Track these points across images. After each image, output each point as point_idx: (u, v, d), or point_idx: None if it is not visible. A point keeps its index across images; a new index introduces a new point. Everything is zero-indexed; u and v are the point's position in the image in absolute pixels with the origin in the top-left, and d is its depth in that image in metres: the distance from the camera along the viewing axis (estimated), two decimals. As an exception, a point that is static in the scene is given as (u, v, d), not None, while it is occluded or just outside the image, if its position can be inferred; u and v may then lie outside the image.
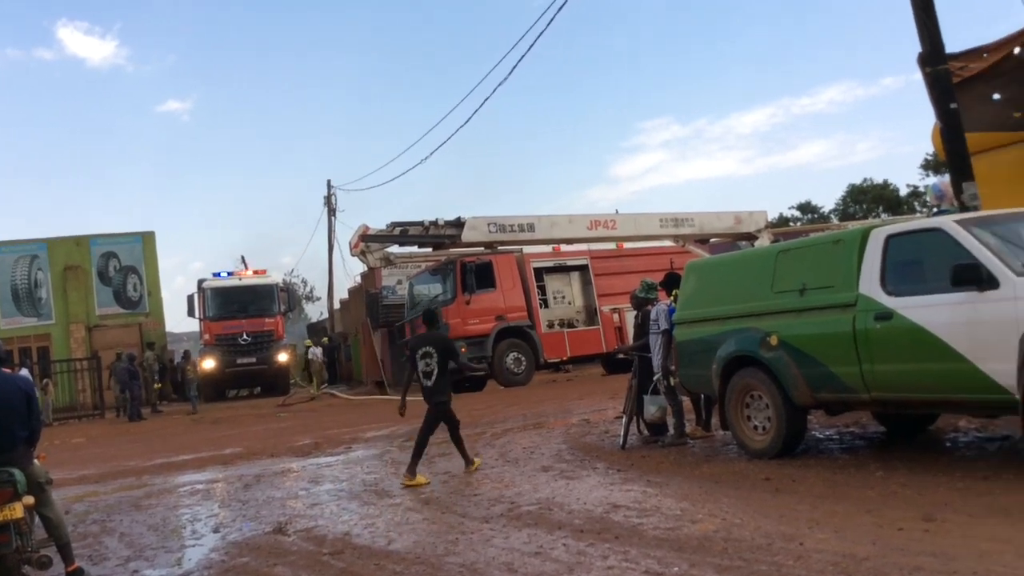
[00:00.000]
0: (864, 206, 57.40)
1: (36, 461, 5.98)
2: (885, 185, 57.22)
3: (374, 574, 5.29)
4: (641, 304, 10.22)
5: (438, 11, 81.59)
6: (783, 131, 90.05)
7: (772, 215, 55.06)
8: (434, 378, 8.97)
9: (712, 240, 26.09)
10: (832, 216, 57.68)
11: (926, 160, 49.56)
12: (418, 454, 8.87)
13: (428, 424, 9.07)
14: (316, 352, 27.46)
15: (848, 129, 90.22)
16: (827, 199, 68.05)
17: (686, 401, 9.79)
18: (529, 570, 4.94)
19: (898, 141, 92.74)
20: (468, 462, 9.09)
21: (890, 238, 6.75)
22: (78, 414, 25.56)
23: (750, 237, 25.03)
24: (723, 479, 7.15)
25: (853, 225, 23.17)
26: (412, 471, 8.65)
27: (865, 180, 58.82)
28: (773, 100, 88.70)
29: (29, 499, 5.49)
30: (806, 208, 60.92)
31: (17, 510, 5.33)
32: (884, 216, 51.29)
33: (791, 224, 52.87)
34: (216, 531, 7.31)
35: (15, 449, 5.48)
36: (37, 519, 5.88)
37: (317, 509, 7.78)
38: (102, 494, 10.27)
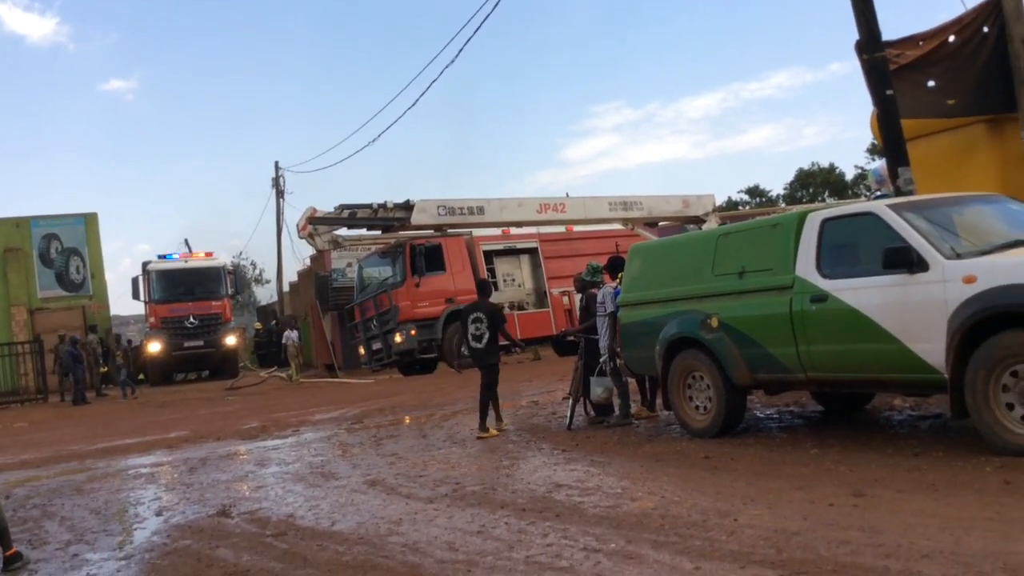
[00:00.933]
0: (811, 190, 58.40)
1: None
2: (832, 169, 58.25)
3: (316, 554, 5.31)
4: (586, 287, 10.33)
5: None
6: (733, 115, 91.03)
7: (722, 199, 55.78)
8: (484, 341, 10.00)
9: (661, 224, 26.38)
10: (780, 200, 58.59)
11: (872, 145, 50.53)
12: (484, 412, 9.79)
13: (486, 384, 9.98)
14: (292, 336, 26.84)
15: (796, 114, 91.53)
16: (776, 183, 69.08)
17: (631, 382, 9.93)
18: (470, 548, 5.01)
19: (845, 125, 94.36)
20: (498, 419, 10.05)
21: (825, 222, 6.91)
22: (20, 398, 25.01)
23: (698, 221, 25.33)
24: (664, 458, 7.29)
25: (798, 209, 23.63)
26: (483, 427, 9.67)
27: (813, 164, 59.81)
28: (723, 85, 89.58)
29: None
30: (754, 192, 61.81)
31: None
32: (830, 200, 52.26)
33: (740, 208, 53.56)
34: (159, 514, 7.26)
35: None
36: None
37: (262, 492, 7.77)
38: (44, 478, 10.12)
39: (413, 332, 20.65)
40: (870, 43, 8.73)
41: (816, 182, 58.22)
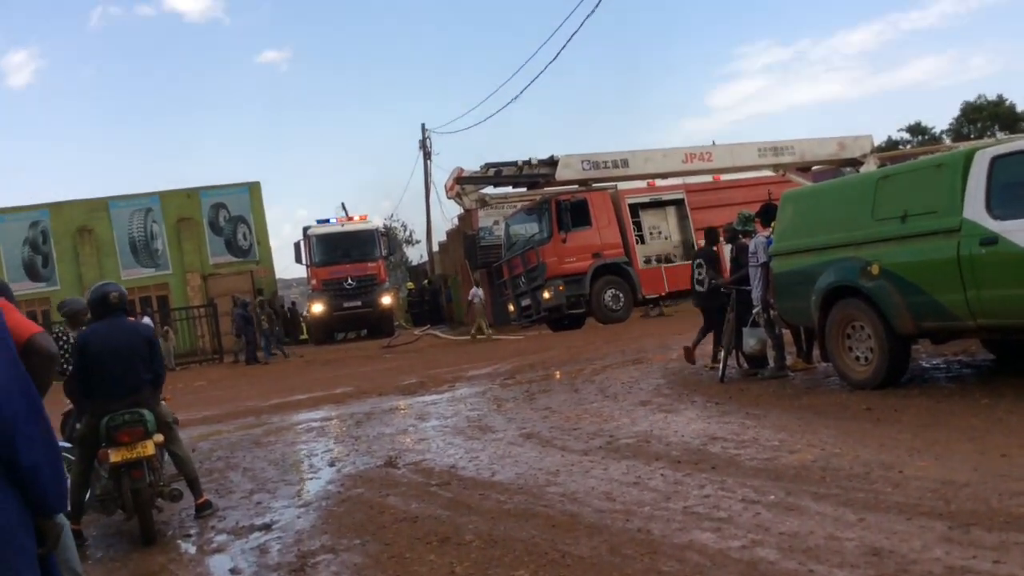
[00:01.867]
0: (979, 125, 54.45)
1: (163, 402, 6.45)
2: (1000, 102, 54.03)
3: (480, 503, 5.55)
4: (736, 237, 10.14)
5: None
6: (892, 49, 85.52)
7: (881, 139, 52.94)
8: (705, 285, 10.71)
9: (814, 168, 25.35)
10: (944, 137, 54.95)
11: (1048, 73, 46.51)
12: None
13: (707, 324, 10.93)
14: (478, 293, 26.77)
15: (962, 44, 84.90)
16: (939, 120, 64.70)
17: (786, 333, 9.72)
18: (627, 499, 5.11)
19: (1017, 54, 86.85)
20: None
21: (996, 159, 6.50)
22: (198, 359, 26.94)
23: (855, 163, 24.20)
24: (823, 410, 7.13)
25: (964, 146, 22.13)
26: (714, 357, 10.36)
27: (979, 97, 55.63)
28: (881, 15, 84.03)
29: (159, 437, 5.93)
30: (916, 130, 58.15)
31: (149, 447, 5.77)
32: (1001, 135, 48.61)
33: (900, 147, 50.64)
34: (332, 465, 7.74)
35: (142, 391, 5.91)
36: (167, 456, 6.36)
37: (424, 444, 8.14)
38: (225, 433, 10.93)
39: (561, 288, 20.82)
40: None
41: (983, 116, 54.17)
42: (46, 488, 2.24)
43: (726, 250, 11.24)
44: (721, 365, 9.72)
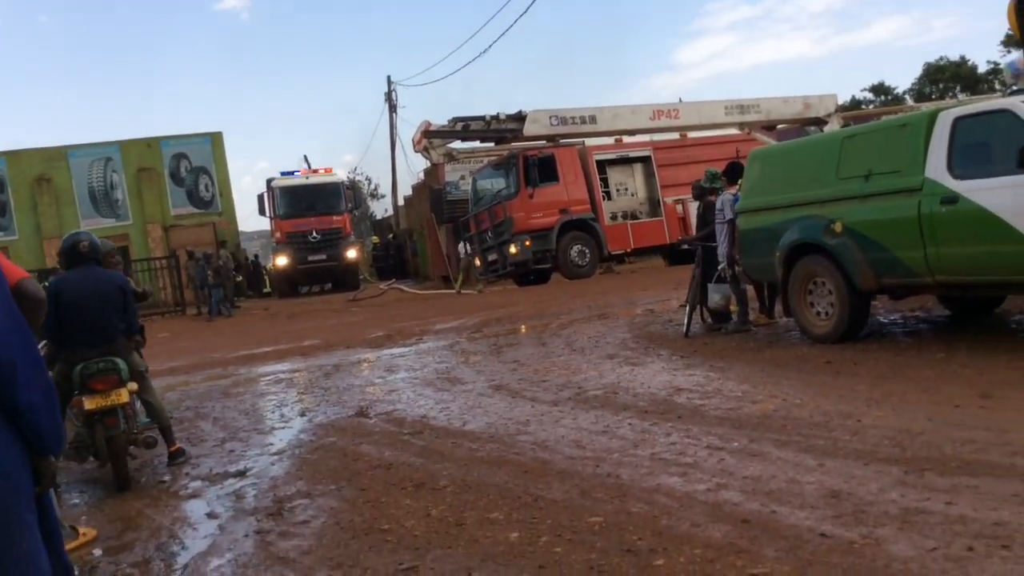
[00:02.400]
0: (940, 86, 55.03)
1: (135, 352, 6.46)
2: (962, 62, 54.58)
3: (452, 451, 5.67)
4: (703, 194, 10.27)
5: None
6: (857, 7, 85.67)
7: (844, 98, 53.25)
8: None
9: (779, 127, 25.55)
10: (907, 97, 55.48)
11: (1007, 36, 47.01)
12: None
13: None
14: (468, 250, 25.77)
15: (925, 5, 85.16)
16: (902, 80, 65.13)
17: (750, 289, 9.92)
18: (596, 446, 5.26)
19: (978, 16, 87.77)
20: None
21: (957, 120, 6.67)
22: (160, 311, 26.68)
23: (819, 122, 24.42)
24: (785, 363, 7.34)
25: (926, 107, 22.41)
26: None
27: (941, 58, 56.14)
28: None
29: (133, 385, 5.97)
30: (879, 90, 58.59)
31: (123, 395, 5.81)
32: (961, 96, 49.17)
33: (864, 107, 51.05)
34: (302, 415, 7.82)
35: (115, 340, 5.93)
36: (139, 404, 6.40)
37: (395, 395, 8.23)
38: (192, 384, 10.95)
39: (527, 243, 20.91)
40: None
41: (945, 77, 54.72)
42: (43, 428, 2.30)
43: (692, 207, 11.36)
44: (686, 319, 9.90)
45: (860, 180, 7.45)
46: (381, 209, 52.93)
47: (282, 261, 29.15)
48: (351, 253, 29.94)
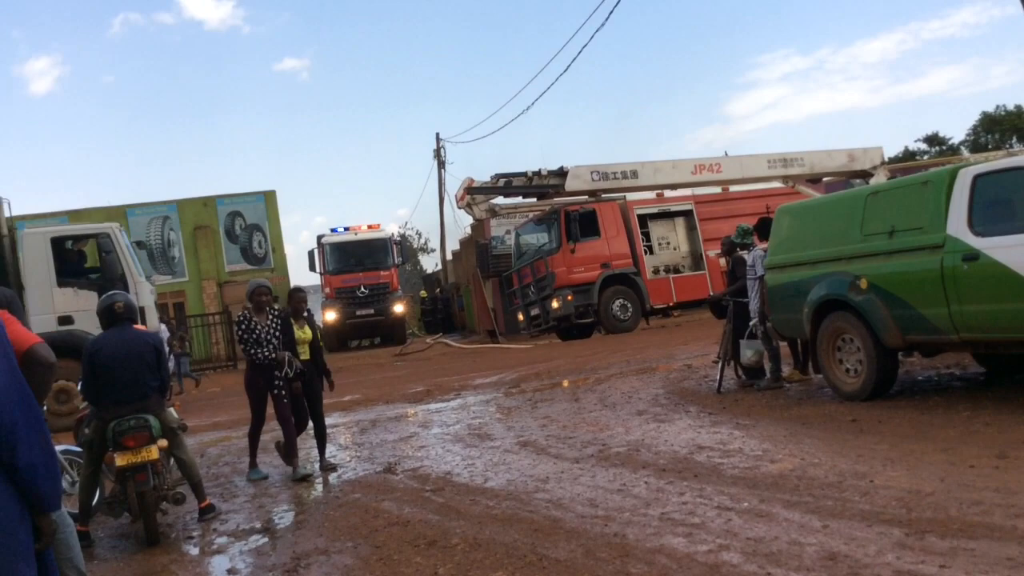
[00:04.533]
0: (998, 135, 54.21)
1: (170, 408, 6.70)
2: (1020, 112, 53.73)
3: (469, 508, 5.76)
4: (732, 249, 10.33)
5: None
6: (912, 58, 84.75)
7: (898, 149, 52.81)
8: None
9: (825, 180, 25.42)
10: (963, 148, 54.72)
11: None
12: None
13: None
14: None
15: (983, 53, 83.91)
16: (958, 130, 64.04)
17: (784, 345, 9.89)
18: (610, 505, 5.31)
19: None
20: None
21: (977, 178, 6.67)
22: (213, 365, 27.27)
23: (865, 175, 24.24)
24: (811, 421, 7.31)
25: (986, 157, 22.09)
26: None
27: (998, 108, 55.36)
28: (901, 25, 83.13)
29: (163, 442, 6.18)
30: (934, 140, 57.90)
31: (153, 452, 6.02)
32: (1019, 146, 48.35)
33: (918, 158, 50.48)
34: (334, 470, 7.97)
35: (149, 398, 6.16)
36: (172, 461, 6.61)
37: (424, 451, 8.35)
38: (234, 439, 11.18)
39: (569, 297, 21.01)
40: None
41: (1002, 127, 53.88)
42: (42, 487, 2.47)
43: (722, 262, 11.39)
44: (718, 375, 9.89)
45: (884, 237, 7.46)
46: (431, 263, 53.53)
47: (331, 316, 29.61)
48: (398, 307, 30.31)
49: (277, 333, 7.84)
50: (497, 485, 6.36)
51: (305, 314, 8.29)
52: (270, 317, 7.91)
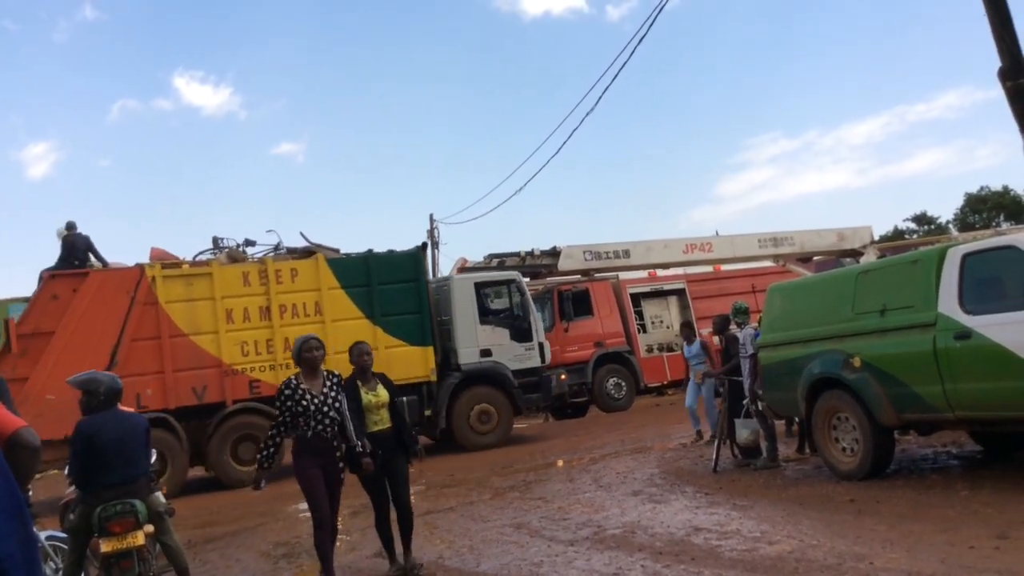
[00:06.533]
0: (984, 215, 55.05)
1: (158, 493, 6.58)
2: (1004, 192, 54.69)
3: (462, 594, 5.63)
4: (724, 327, 10.36)
5: (529, 47, 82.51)
6: (898, 140, 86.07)
7: (887, 228, 53.37)
8: None
9: (816, 259, 25.64)
10: (951, 227, 55.48)
11: (1048, 163, 47.17)
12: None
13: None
14: None
15: (968, 135, 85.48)
16: (945, 209, 64.85)
17: (780, 424, 9.83)
18: (605, 590, 5.20)
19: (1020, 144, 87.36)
20: None
21: (966, 256, 6.75)
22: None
23: (855, 254, 24.47)
24: (808, 502, 7.22)
25: (975, 236, 22.36)
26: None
27: (982, 188, 56.40)
28: (887, 108, 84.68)
29: (149, 527, 6.03)
30: (922, 220, 58.76)
31: (139, 538, 5.87)
32: (1006, 225, 49.01)
33: (906, 237, 51.07)
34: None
35: (137, 482, 6.05)
36: (159, 547, 6.46)
37: (415, 534, 8.16)
38: (220, 524, 10.96)
39: (563, 376, 20.88)
40: (1013, 69, 8.46)
41: (988, 207, 54.77)
42: None
43: (715, 340, 11.41)
44: (714, 455, 9.80)
45: (876, 315, 7.50)
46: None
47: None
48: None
49: (337, 404, 6.15)
50: (490, 569, 6.23)
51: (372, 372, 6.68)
52: (327, 383, 6.22)
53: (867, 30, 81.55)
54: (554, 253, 21.76)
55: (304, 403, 6.02)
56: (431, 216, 40.25)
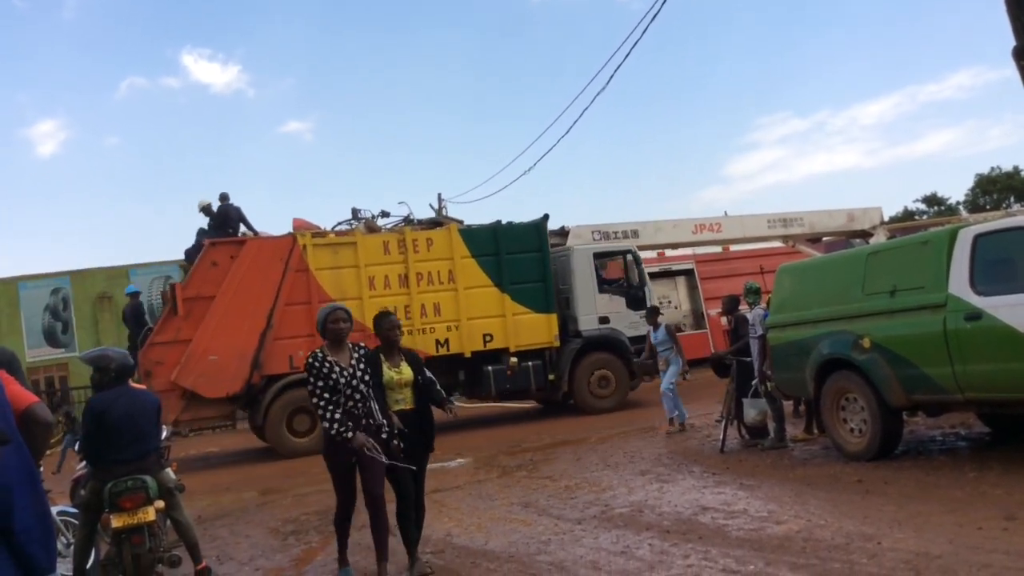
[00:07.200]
0: (994, 196, 54.72)
1: (168, 469, 6.62)
2: (1014, 173, 54.30)
3: (470, 571, 5.67)
4: (733, 307, 10.34)
5: (538, 27, 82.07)
6: (909, 120, 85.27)
7: (897, 209, 53.13)
8: None
9: (825, 239, 25.52)
10: (961, 208, 55.17)
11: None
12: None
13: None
14: None
15: (979, 115, 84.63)
16: (956, 190, 64.49)
17: (788, 404, 9.82)
18: (613, 568, 5.22)
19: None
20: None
21: (978, 237, 6.71)
22: (211, 425, 26.97)
23: (865, 235, 24.34)
24: (815, 482, 7.22)
25: (986, 217, 22.22)
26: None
27: (993, 169, 55.98)
28: (898, 88, 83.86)
29: (160, 503, 6.08)
30: (932, 201, 58.43)
31: (149, 513, 5.92)
32: (1016, 206, 48.74)
33: (916, 218, 50.84)
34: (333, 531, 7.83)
35: (147, 458, 6.09)
36: (169, 522, 6.51)
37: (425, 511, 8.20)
38: (230, 500, 11.04)
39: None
40: (1028, 47, 8.34)
41: (998, 188, 54.41)
42: (35, 551, 2.43)
43: (723, 321, 11.38)
44: (722, 435, 9.81)
45: (886, 296, 7.47)
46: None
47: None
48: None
49: (366, 377, 5.67)
50: (498, 547, 6.26)
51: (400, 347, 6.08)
52: (354, 356, 5.74)
53: (879, 9, 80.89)
54: (563, 233, 21.67)
55: (334, 376, 5.52)
56: (439, 195, 40.26)
